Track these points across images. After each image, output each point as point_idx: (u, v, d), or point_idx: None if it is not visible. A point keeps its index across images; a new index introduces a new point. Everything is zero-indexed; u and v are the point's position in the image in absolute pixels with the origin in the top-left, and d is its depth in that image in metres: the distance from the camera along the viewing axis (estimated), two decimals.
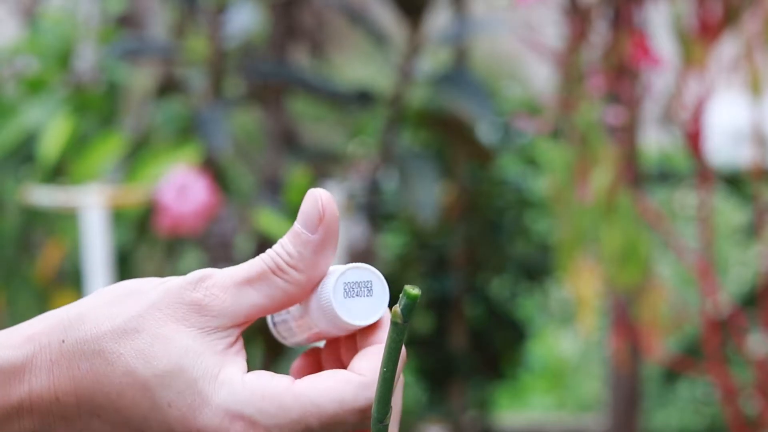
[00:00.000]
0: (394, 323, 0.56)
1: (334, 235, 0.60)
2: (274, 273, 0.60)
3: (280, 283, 0.59)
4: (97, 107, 2.61)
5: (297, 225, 0.60)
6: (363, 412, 0.58)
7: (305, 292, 0.60)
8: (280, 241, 0.61)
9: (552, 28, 2.01)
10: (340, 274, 0.60)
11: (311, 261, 0.60)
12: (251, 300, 0.59)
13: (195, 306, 0.58)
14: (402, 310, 0.55)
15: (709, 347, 1.91)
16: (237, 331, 0.59)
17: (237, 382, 0.58)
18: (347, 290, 0.60)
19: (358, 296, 0.60)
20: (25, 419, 0.59)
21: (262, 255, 0.60)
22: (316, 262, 0.60)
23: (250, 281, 0.59)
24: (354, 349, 0.61)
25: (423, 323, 3.19)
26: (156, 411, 0.57)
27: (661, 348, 1.94)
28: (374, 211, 2.56)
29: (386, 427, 0.57)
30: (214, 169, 2.43)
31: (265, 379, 0.58)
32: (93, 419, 0.58)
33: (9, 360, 0.59)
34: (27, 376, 0.58)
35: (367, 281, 0.60)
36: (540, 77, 3.90)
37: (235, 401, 0.57)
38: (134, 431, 0.58)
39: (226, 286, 0.59)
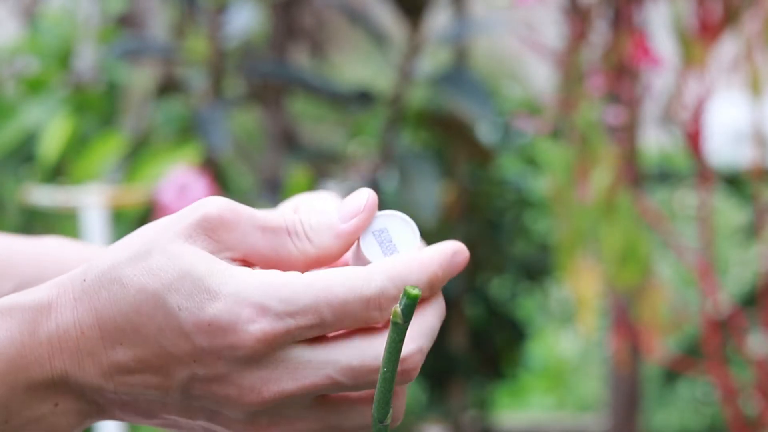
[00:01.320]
0: (394, 323, 0.56)
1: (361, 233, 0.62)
2: (288, 234, 0.60)
3: (288, 245, 0.60)
4: (97, 107, 2.61)
5: (335, 210, 0.61)
6: (369, 302, 0.58)
7: (307, 265, 0.61)
8: (314, 208, 0.63)
9: (552, 28, 2.01)
10: (362, 244, 0.61)
11: (328, 243, 0.61)
12: (255, 243, 0.60)
13: (205, 222, 0.59)
14: (402, 310, 0.55)
15: (709, 347, 1.91)
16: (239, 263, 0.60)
17: (245, 273, 0.58)
18: (383, 247, 0.61)
19: (387, 243, 0.61)
20: (56, 360, 0.58)
21: (287, 212, 0.62)
22: (331, 246, 0.61)
23: (262, 228, 0.60)
24: None
25: None
26: (169, 319, 0.57)
27: (661, 348, 1.94)
28: None
29: (386, 427, 0.57)
30: (214, 169, 2.43)
31: (275, 272, 0.58)
32: (117, 348, 0.58)
33: (34, 300, 0.59)
34: (53, 314, 0.59)
35: (381, 228, 0.61)
36: (540, 77, 3.90)
37: (245, 288, 0.57)
38: (155, 349, 0.58)
39: (241, 216, 0.60)
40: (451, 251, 0.61)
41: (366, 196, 0.62)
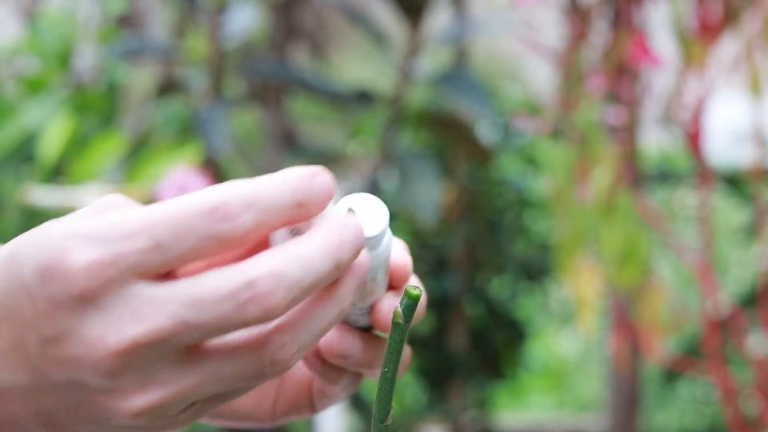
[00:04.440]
0: (395, 323, 0.55)
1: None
2: None
3: None
4: (97, 107, 2.61)
5: None
6: (210, 213, 0.51)
7: None
8: None
9: (552, 28, 2.01)
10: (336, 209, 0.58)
11: None
12: None
13: (97, 206, 0.55)
14: (403, 310, 0.55)
15: (709, 347, 1.91)
16: None
17: (90, 219, 0.54)
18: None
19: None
20: None
21: None
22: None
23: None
24: None
25: (423, 323, 3.19)
26: (16, 276, 0.52)
27: (661, 348, 1.94)
28: None
29: (387, 427, 0.57)
30: (214, 169, 2.43)
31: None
32: None
33: None
34: None
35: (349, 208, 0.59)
36: (540, 77, 3.90)
37: (76, 224, 0.52)
38: (8, 318, 0.52)
39: (133, 202, 0.57)
40: (312, 172, 0.55)
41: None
